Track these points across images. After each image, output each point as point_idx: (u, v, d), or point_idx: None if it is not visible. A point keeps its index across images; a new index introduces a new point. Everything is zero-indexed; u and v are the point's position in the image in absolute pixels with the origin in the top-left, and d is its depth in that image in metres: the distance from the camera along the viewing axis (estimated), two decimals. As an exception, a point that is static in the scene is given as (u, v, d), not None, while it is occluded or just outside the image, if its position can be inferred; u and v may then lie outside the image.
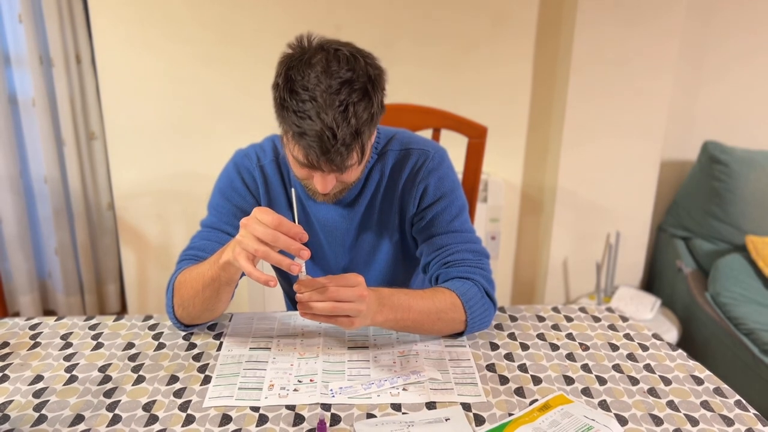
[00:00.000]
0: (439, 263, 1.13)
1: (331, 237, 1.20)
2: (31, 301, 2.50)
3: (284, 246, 0.86)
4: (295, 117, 0.92)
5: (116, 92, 2.21)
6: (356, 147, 0.94)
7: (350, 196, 1.16)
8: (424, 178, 1.15)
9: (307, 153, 0.93)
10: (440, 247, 1.13)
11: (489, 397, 0.91)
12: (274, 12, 2.17)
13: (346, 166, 0.96)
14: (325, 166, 0.94)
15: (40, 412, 0.87)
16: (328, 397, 0.90)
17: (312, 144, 0.91)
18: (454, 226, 1.15)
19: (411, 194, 1.16)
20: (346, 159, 0.94)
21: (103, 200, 2.48)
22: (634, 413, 0.89)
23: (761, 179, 2.26)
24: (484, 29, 2.27)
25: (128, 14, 2.13)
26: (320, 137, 0.91)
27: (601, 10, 2.16)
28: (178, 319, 1.08)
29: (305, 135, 0.91)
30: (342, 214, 1.18)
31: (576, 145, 2.31)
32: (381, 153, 1.17)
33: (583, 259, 2.46)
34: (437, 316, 1.03)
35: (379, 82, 0.97)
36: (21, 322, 1.11)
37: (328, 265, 1.25)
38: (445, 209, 1.14)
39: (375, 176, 1.16)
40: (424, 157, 1.16)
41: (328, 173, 0.98)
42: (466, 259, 1.12)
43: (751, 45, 2.42)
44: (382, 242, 1.21)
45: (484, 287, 1.09)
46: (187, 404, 0.89)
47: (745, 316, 1.94)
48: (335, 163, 0.94)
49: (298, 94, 0.92)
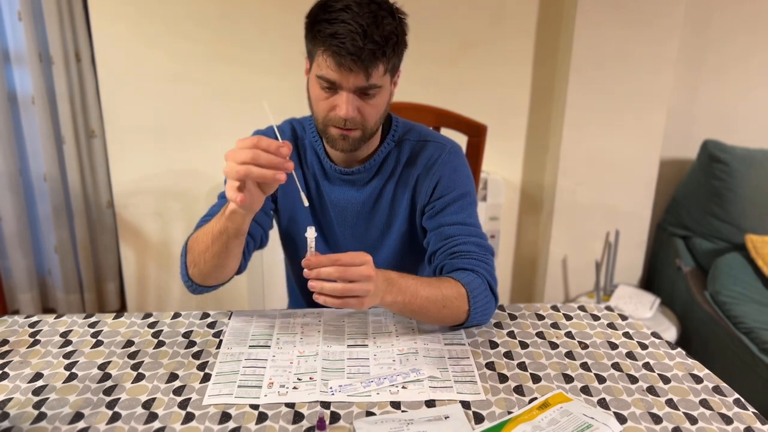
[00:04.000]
0: (445, 253, 1.15)
1: (341, 218, 1.23)
2: (30, 298, 2.50)
3: (266, 162, 0.87)
4: (327, 24, 0.98)
5: (116, 90, 2.21)
6: (384, 55, 1.00)
7: (365, 177, 1.19)
8: (439, 169, 1.18)
9: (337, 54, 0.97)
10: (448, 237, 1.15)
11: (488, 395, 0.92)
12: (273, 10, 2.17)
13: (372, 71, 1.00)
14: (353, 65, 0.98)
15: (40, 409, 0.87)
16: (327, 395, 0.90)
17: (343, 42, 0.96)
18: (463, 219, 1.17)
19: (425, 184, 1.19)
20: (373, 62, 0.99)
21: (103, 198, 2.48)
22: (633, 411, 0.89)
23: (761, 178, 2.26)
24: (483, 27, 2.27)
25: (128, 12, 2.12)
26: (352, 35, 0.96)
27: (601, 10, 2.15)
28: (191, 278, 1.10)
29: (337, 35, 0.97)
30: (354, 196, 1.20)
31: (576, 144, 2.31)
32: (398, 141, 1.20)
33: (582, 257, 2.46)
34: (443, 303, 1.04)
35: (404, 20, 1.05)
36: (20, 320, 1.11)
37: (337, 246, 1.27)
38: (455, 201, 1.17)
39: (390, 163, 1.19)
40: (440, 150, 1.19)
41: (353, 87, 1.01)
42: (472, 252, 1.14)
43: (750, 44, 2.42)
44: (391, 230, 1.24)
45: (488, 281, 1.11)
46: (187, 402, 0.89)
47: (744, 315, 1.94)
48: (364, 62, 0.98)
49: (330, 7, 0.99)
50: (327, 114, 1.06)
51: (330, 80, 1.01)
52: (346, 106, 1.02)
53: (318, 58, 1.02)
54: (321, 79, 1.02)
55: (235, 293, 2.46)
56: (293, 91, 2.23)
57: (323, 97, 1.05)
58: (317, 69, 1.03)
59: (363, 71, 0.99)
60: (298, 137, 1.22)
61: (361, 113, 1.05)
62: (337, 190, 1.21)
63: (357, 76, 1.00)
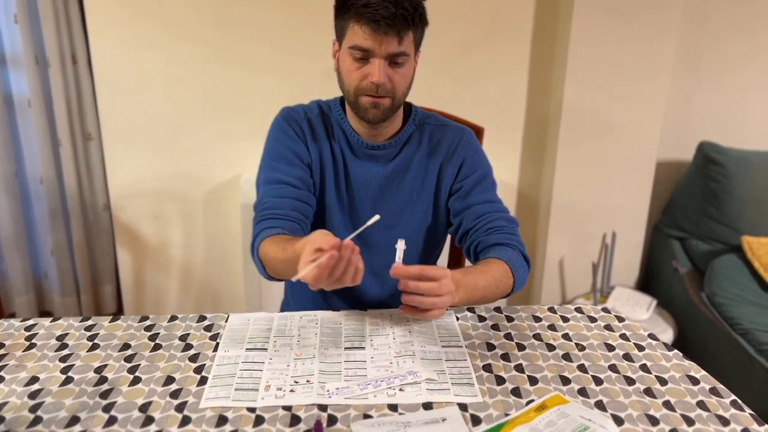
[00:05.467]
0: (480, 230, 1.23)
1: (362, 194, 1.27)
2: (26, 301, 2.49)
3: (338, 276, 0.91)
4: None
5: (112, 93, 2.21)
6: (413, 23, 1.07)
7: (390, 153, 1.25)
8: (462, 151, 1.27)
9: (372, 21, 1.04)
10: (481, 215, 1.24)
11: (486, 397, 0.92)
12: (270, 13, 2.17)
13: (403, 36, 1.07)
14: (388, 29, 1.05)
15: (36, 413, 0.86)
16: (324, 398, 0.90)
17: (377, 9, 1.03)
18: (490, 197, 1.27)
19: (450, 165, 1.27)
20: (405, 28, 1.07)
21: (99, 201, 2.48)
22: (631, 413, 0.89)
23: (756, 179, 2.27)
24: (480, 30, 2.27)
25: (124, 15, 2.12)
26: (384, 3, 1.03)
27: (597, 12, 2.16)
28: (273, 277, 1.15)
29: (370, 4, 1.04)
30: (378, 172, 1.26)
31: (572, 146, 2.31)
32: (419, 125, 1.28)
33: (579, 259, 2.46)
34: (496, 285, 1.12)
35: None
36: (16, 323, 1.11)
37: (358, 224, 1.28)
38: (482, 180, 1.27)
39: (413, 143, 1.27)
40: (461, 133, 1.29)
41: (384, 53, 1.08)
42: (504, 226, 1.23)
43: (746, 47, 2.43)
44: (412, 209, 1.28)
45: (521, 251, 1.22)
46: (184, 405, 0.89)
47: (741, 316, 1.95)
48: (396, 26, 1.05)
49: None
50: (359, 83, 1.12)
51: (363, 48, 1.08)
52: (378, 71, 1.09)
53: (351, 29, 1.08)
54: (354, 49, 1.09)
55: (232, 295, 2.45)
56: (290, 94, 2.23)
57: (356, 67, 1.11)
58: (350, 41, 1.09)
59: (396, 36, 1.06)
60: (325, 114, 1.27)
61: (391, 81, 1.12)
62: (362, 165, 1.25)
63: (390, 41, 1.07)
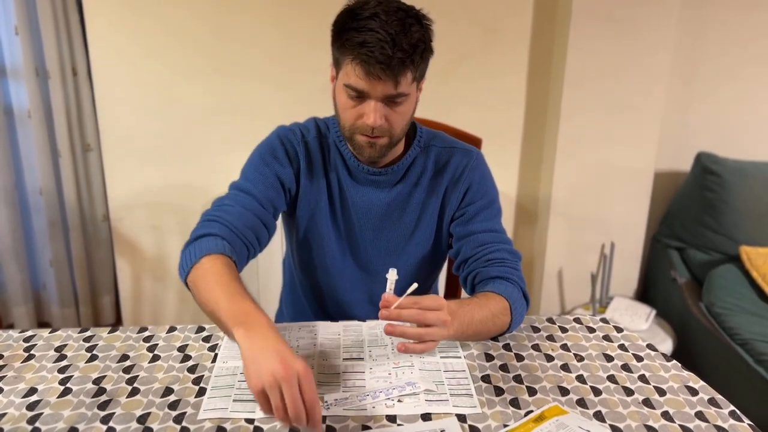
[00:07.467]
0: (479, 260, 1.17)
1: (363, 220, 1.22)
2: (25, 312, 2.49)
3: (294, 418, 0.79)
4: (356, 32, 0.98)
5: (112, 104, 2.22)
6: (412, 63, 1.00)
7: (392, 179, 1.20)
8: (469, 176, 1.21)
9: (366, 63, 0.98)
10: (481, 245, 1.18)
11: (484, 408, 0.91)
12: (269, 26, 2.18)
13: (401, 79, 1.01)
14: (383, 74, 0.99)
15: (34, 424, 0.86)
16: (323, 409, 0.90)
17: (372, 51, 0.97)
18: (493, 226, 1.21)
19: (455, 191, 1.22)
20: (402, 70, 1.00)
21: (99, 212, 2.48)
22: (629, 424, 0.89)
23: (754, 190, 2.27)
24: (478, 40, 2.29)
25: (124, 27, 2.14)
26: (380, 44, 0.97)
27: (594, 22, 2.18)
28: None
29: (366, 44, 0.97)
30: (379, 198, 1.21)
31: (570, 156, 2.32)
32: (424, 147, 1.22)
33: (577, 269, 2.46)
34: (492, 321, 1.07)
35: (430, 27, 1.04)
36: (15, 334, 1.11)
37: (357, 251, 1.26)
38: (485, 208, 1.21)
39: (417, 167, 1.21)
40: (468, 157, 1.23)
41: (381, 96, 1.02)
42: (506, 259, 1.17)
43: (742, 57, 2.44)
44: (414, 236, 1.24)
45: (521, 287, 1.15)
46: (182, 416, 0.88)
47: (740, 326, 1.95)
48: (393, 70, 0.99)
49: (358, 15, 0.99)
50: (354, 122, 1.07)
51: (358, 89, 1.02)
52: (374, 114, 1.03)
53: (346, 66, 1.02)
54: (349, 88, 1.03)
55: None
56: (289, 105, 2.25)
57: (351, 105, 1.06)
58: (345, 78, 1.03)
59: (392, 80, 1.00)
60: (322, 135, 1.21)
61: (389, 121, 1.06)
62: (362, 190, 1.20)
63: (386, 84, 1.01)
